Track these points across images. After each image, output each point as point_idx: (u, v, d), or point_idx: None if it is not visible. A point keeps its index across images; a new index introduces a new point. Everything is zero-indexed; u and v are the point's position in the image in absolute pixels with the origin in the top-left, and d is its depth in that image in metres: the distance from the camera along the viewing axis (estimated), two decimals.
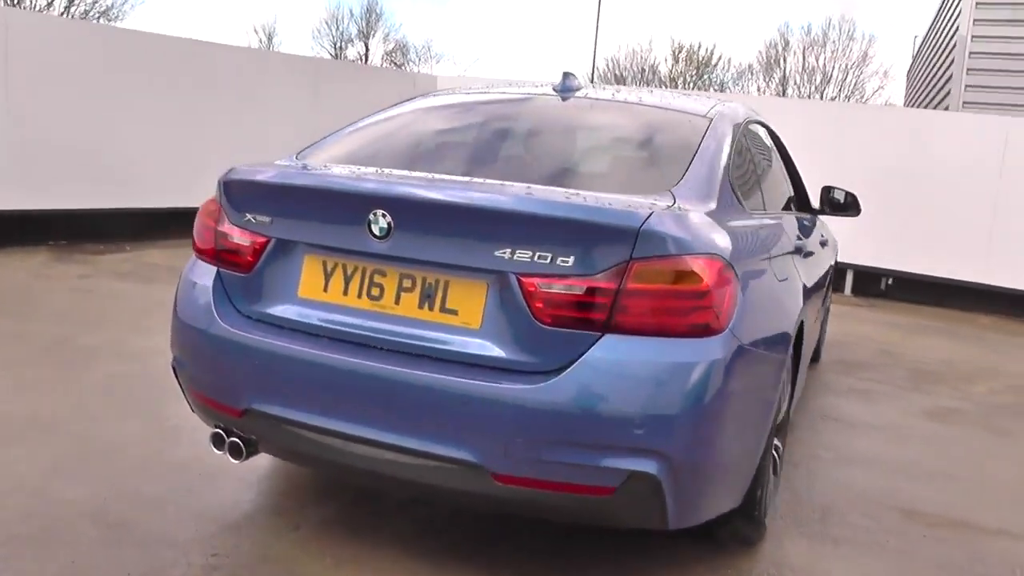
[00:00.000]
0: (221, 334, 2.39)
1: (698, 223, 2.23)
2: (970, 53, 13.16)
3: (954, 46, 13.80)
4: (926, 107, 16.45)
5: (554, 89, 3.18)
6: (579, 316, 2.11)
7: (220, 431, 2.45)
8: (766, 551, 2.82)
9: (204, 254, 2.56)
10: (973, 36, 13.10)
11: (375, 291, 2.29)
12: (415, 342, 2.23)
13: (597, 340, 2.10)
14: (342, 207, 2.29)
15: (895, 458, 3.89)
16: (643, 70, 39.75)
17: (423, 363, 2.19)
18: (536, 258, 2.10)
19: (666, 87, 37.56)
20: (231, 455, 2.45)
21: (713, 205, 2.41)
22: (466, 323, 2.20)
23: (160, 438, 3.33)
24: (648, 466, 2.09)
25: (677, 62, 39.67)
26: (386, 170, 2.49)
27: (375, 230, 2.22)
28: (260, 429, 2.38)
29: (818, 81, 37.80)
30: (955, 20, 14.25)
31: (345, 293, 2.32)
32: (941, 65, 16.22)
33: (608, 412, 2.07)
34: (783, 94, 36.52)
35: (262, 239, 2.40)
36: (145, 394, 3.81)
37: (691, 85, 38.38)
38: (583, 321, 2.11)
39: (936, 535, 3.11)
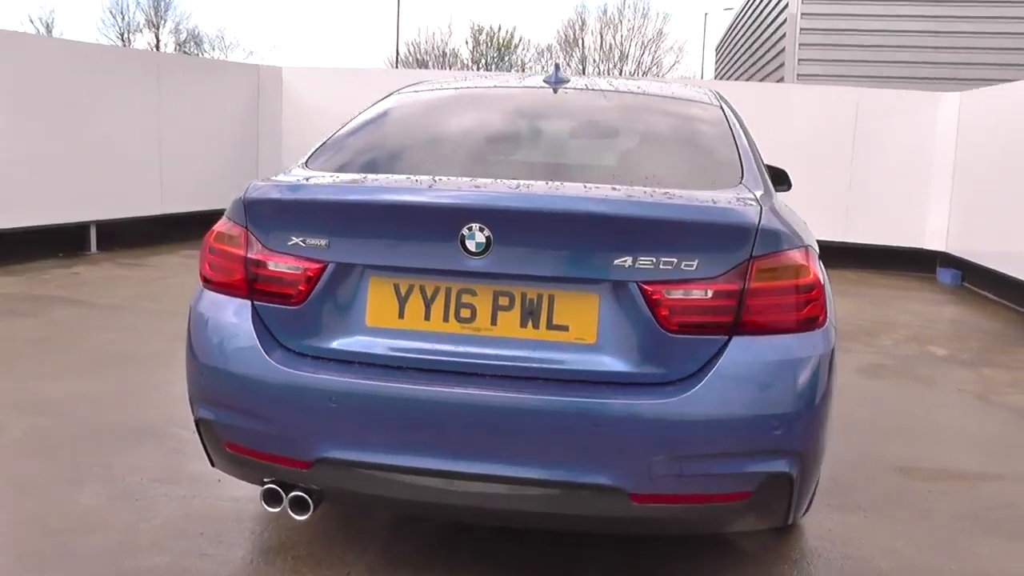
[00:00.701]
0: (278, 377, 2.07)
1: (787, 216, 2.18)
2: (801, 29, 14.04)
3: (784, 21, 14.66)
4: (757, 80, 17.34)
5: (545, 81, 3.03)
6: (707, 321, 2.01)
7: (274, 487, 2.15)
8: (809, 527, 2.85)
9: (228, 287, 2.20)
10: (803, 13, 13.99)
11: (465, 312, 2.06)
12: (523, 364, 2.03)
13: (726, 344, 2.01)
14: (428, 222, 2.05)
15: (860, 420, 4.06)
16: (444, 54, 39.84)
17: (538, 386, 2.00)
18: (660, 264, 1.98)
19: (468, 69, 37.62)
20: (294, 511, 2.15)
21: (762, 192, 2.37)
22: (580, 338, 2.03)
23: (129, 500, 2.91)
24: (784, 465, 2.04)
25: (479, 44, 40.00)
26: (474, 180, 2.21)
27: (471, 246, 1.99)
28: (335, 479, 2.10)
29: (616, 58, 39.35)
30: None
31: (427, 318, 2.07)
32: (769, 40, 17.09)
33: (749, 416, 2.00)
34: (583, 72, 37.71)
35: (317, 265, 2.10)
36: (83, 448, 3.34)
37: (493, 67, 38.81)
38: (711, 325, 2.02)
39: (939, 489, 3.27)
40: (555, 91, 2.96)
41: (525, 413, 1.98)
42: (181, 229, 8.99)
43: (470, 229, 1.98)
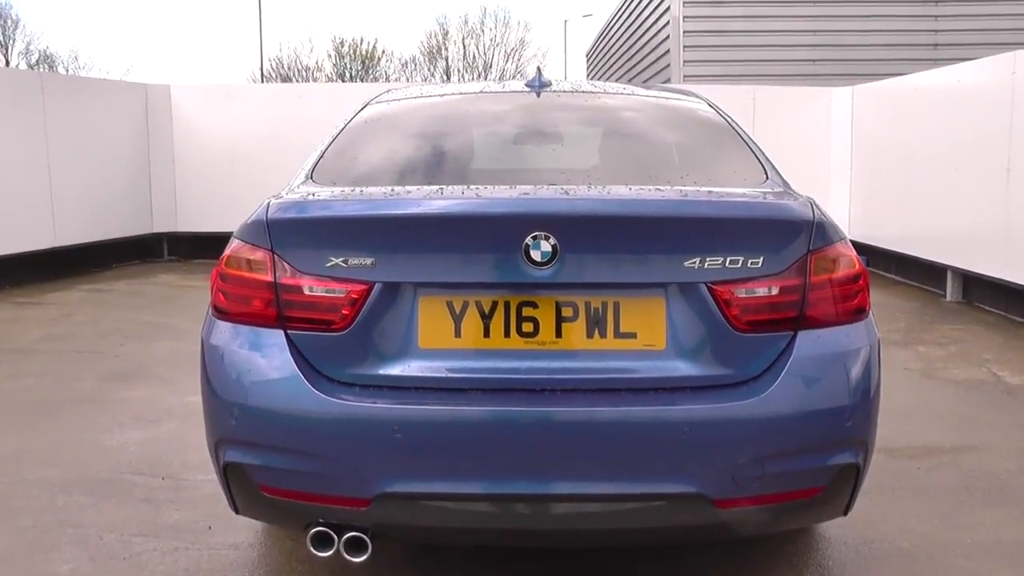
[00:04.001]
0: (329, 410, 1.90)
1: (824, 209, 2.18)
2: (684, 31, 14.50)
3: (667, 23, 15.10)
4: (643, 82, 17.75)
5: (527, 86, 2.95)
6: (775, 317, 2.01)
7: (325, 529, 1.97)
8: None
9: (251, 317, 2.01)
10: (685, 16, 14.44)
11: (527, 327, 1.96)
12: (593, 376, 1.96)
13: (792, 339, 2.00)
14: (488, 234, 1.94)
15: None
16: (307, 68, 39.29)
17: (611, 398, 1.93)
18: (728, 263, 1.95)
19: (332, 81, 37.08)
20: (349, 553, 1.97)
21: (789, 188, 2.38)
22: (649, 345, 1.97)
23: (116, 561, 2.62)
24: (852, 456, 2.05)
25: (342, 57, 39.64)
26: (534, 188, 2.13)
27: (536, 256, 1.89)
28: (399, 514, 1.95)
29: (481, 68, 39.80)
30: (664, 1, 15.51)
31: (486, 335, 1.96)
32: (650, 43, 17.52)
33: (823, 410, 2.00)
34: (447, 80, 37.96)
35: (362, 286, 1.94)
36: (42, 510, 3.00)
37: (359, 79, 38.53)
38: (778, 322, 2.01)
39: (925, 466, 3.38)
40: (539, 95, 2.90)
41: (601, 427, 1.91)
42: (77, 262, 8.41)
43: (535, 238, 1.89)
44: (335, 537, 1.98)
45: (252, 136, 9.57)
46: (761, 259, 1.97)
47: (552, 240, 1.90)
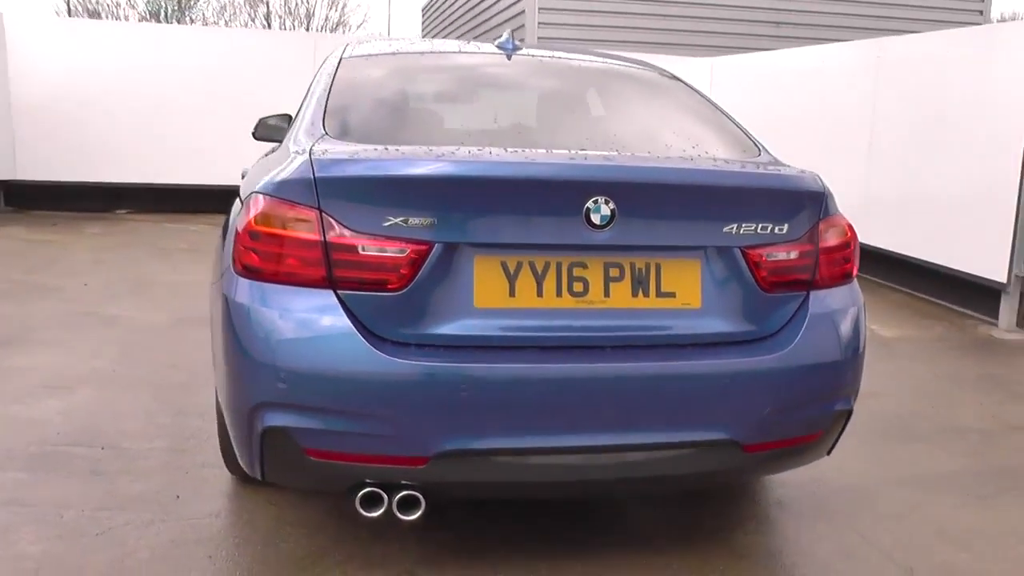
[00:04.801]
0: (392, 371, 1.87)
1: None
2: None
3: None
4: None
5: (500, 48, 2.94)
6: (794, 279, 2.18)
7: (375, 490, 1.96)
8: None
9: (293, 277, 1.93)
10: None
11: (578, 286, 2.01)
12: (638, 333, 2.05)
13: (805, 299, 2.19)
14: (551, 196, 1.98)
15: None
16: (117, 3, 36.63)
17: (655, 353, 2.04)
18: (759, 229, 2.11)
19: (147, 21, 34.82)
20: (401, 512, 1.98)
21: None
22: (687, 303, 2.09)
23: (87, 538, 2.44)
24: (848, 403, 2.29)
25: None
26: (592, 152, 2.19)
27: (595, 219, 1.96)
28: (456, 471, 1.96)
29: (303, 15, 38.79)
30: None
31: (540, 294, 2.00)
32: (500, 3, 17.47)
33: (834, 362, 2.21)
34: (268, 27, 36.64)
35: (422, 246, 1.92)
36: None
37: (176, 20, 36.40)
38: (796, 283, 2.19)
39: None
40: (509, 57, 2.91)
41: (648, 381, 2.02)
42: None
43: (596, 202, 1.96)
44: (384, 497, 1.97)
45: (106, 79, 8.81)
46: (786, 226, 2.15)
47: (611, 204, 1.97)
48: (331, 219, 1.92)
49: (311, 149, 2.07)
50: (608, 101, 2.84)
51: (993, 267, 5.32)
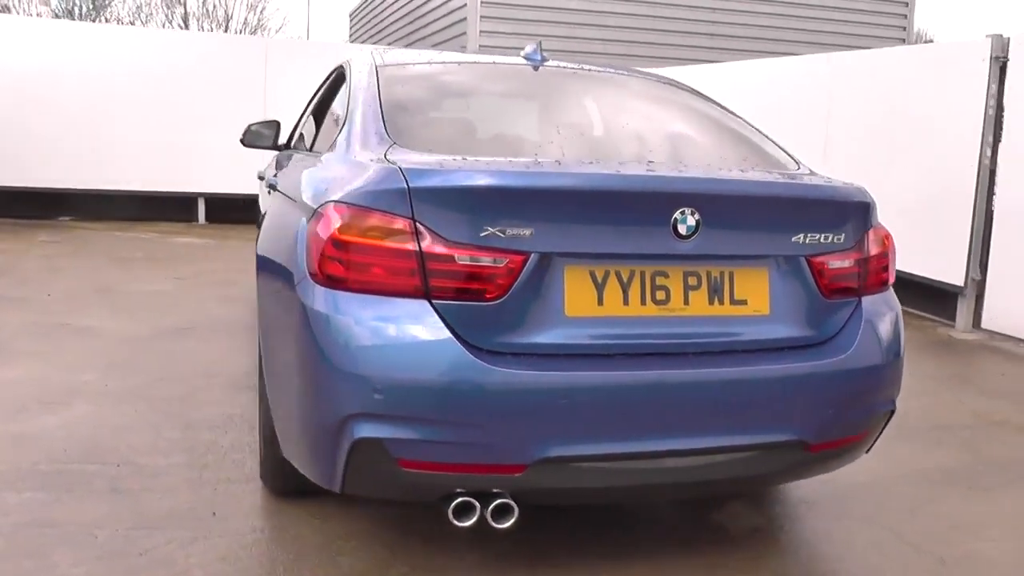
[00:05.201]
0: (494, 380, 1.89)
1: None
2: (482, 2, 14.71)
3: None
4: (431, 47, 17.70)
5: (526, 58, 2.99)
6: (848, 286, 2.29)
7: (469, 499, 1.96)
8: None
9: (384, 287, 1.93)
10: None
11: (660, 295, 2.07)
12: (715, 339, 2.12)
13: (857, 304, 2.29)
14: (641, 207, 2.03)
15: None
16: (31, 1, 35.35)
17: (730, 359, 2.11)
18: (821, 239, 2.20)
19: (58, 18, 33.82)
20: (496, 520, 1.98)
21: None
22: (757, 310, 2.17)
23: (132, 558, 2.34)
24: (893, 403, 2.39)
25: None
26: (677, 165, 2.34)
27: (682, 230, 2.02)
28: (552, 478, 1.98)
29: (221, 17, 38.13)
30: None
31: (626, 303, 2.04)
32: (440, 7, 17.52)
33: (886, 363, 2.32)
34: (186, 28, 36.02)
35: (519, 256, 1.93)
36: None
37: (91, 19, 35.32)
38: (851, 289, 2.30)
39: None
40: (536, 68, 2.95)
41: (727, 385, 2.08)
42: None
43: (683, 213, 2.02)
44: (477, 506, 1.97)
45: (53, 80, 8.46)
46: (843, 235, 2.26)
47: (696, 215, 2.03)
48: (426, 229, 1.92)
49: (390, 158, 2.06)
50: (654, 113, 2.92)
51: (950, 271, 5.62)
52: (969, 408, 4.09)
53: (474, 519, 1.99)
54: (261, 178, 5.57)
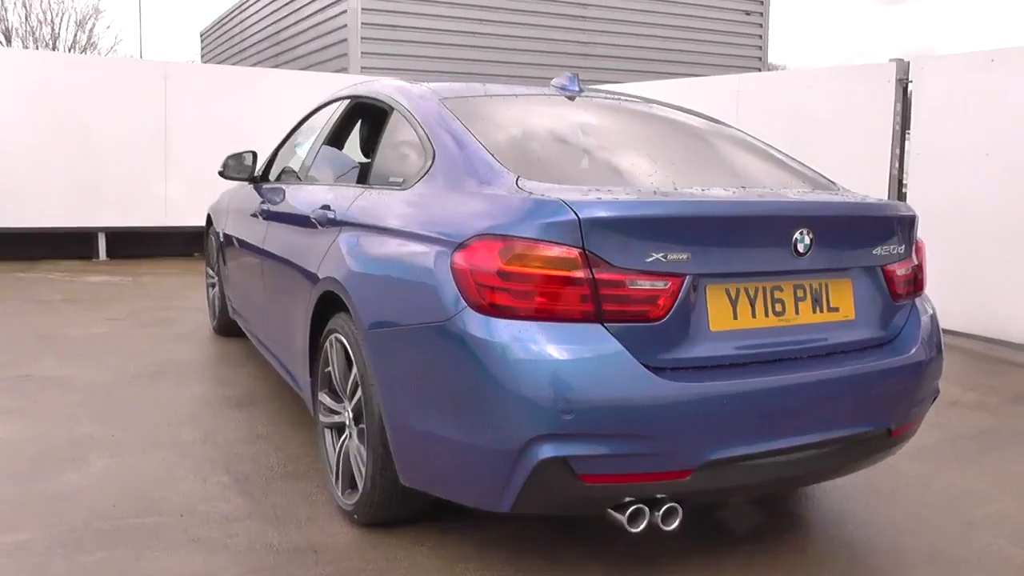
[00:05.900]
0: (668, 394, 2.08)
1: None
2: (363, 23, 14.69)
3: (344, 12, 15.14)
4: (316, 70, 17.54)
5: (559, 88, 3.20)
6: (908, 291, 2.63)
7: (640, 505, 2.14)
8: None
9: (555, 313, 2.07)
10: (363, 8, 14.63)
11: (778, 307, 2.33)
12: (820, 344, 2.38)
13: (913, 306, 2.65)
14: (770, 229, 2.29)
15: None
16: None
17: (834, 360, 2.38)
18: (892, 251, 2.53)
19: None
20: (664, 523, 2.17)
21: None
22: (846, 316, 2.45)
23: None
24: (936, 393, 2.74)
25: None
26: (791, 190, 2.63)
27: (800, 248, 2.29)
28: (714, 479, 2.18)
29: (48, 36, 36.14)
30: None
31: (753, 316, 2.29)
32: (317, 28, 17.30)
33: (937, 356, 2.67)
34: (8, 44, 33.97)
35: (678, 279, 2.13)
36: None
37: None
38: (909, 293, 2.64)
39: None
40: (572, 99, 3.14)
41: (839, 383, 2.37)
42: None
43: (801, 233, 2.28)
44: (647, 511, 2.14)
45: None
46: (903, 246, 2.61)
47: (810, 234, 2.30)
48: (596, 257, 2.07)
49: (526, 188, 2.22)
50: (709, 140, 3.17)
51: None
52: None
53: (645, 523, 2.15)
54: (210, 221, 5.38)
